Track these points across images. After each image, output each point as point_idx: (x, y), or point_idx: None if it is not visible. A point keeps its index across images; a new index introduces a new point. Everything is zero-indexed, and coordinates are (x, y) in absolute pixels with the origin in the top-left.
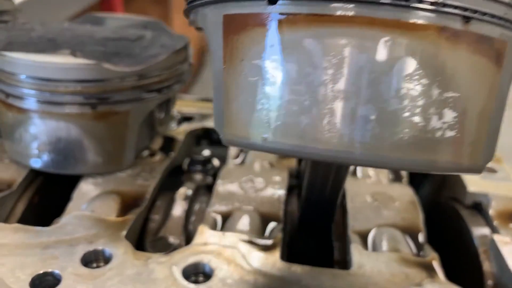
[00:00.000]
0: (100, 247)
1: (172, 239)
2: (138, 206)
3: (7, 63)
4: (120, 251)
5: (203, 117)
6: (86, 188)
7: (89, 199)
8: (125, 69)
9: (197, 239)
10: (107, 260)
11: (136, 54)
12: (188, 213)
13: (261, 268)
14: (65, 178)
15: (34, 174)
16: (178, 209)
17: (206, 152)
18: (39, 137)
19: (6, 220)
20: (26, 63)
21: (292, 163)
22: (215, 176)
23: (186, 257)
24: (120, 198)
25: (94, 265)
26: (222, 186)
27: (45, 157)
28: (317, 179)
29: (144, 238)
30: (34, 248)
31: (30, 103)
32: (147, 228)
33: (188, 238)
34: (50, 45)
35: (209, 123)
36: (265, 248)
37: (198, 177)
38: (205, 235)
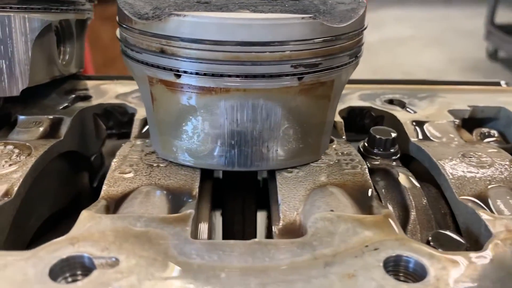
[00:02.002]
0: None
1: None
2: None
3: (184, 27)
4: None
5: None
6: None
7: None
8: (341, 25)
9: None
10: None
11: (325, 11)
12: None
13: None
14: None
15: (208, 176)
16: None
17: None
18: (224, 126)
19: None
20: (216, 23)
21: None
22: None
23: None
24: None
25: None
26: None
27: (229, 152)
28: None
29: None
30: None
31: (216, 81)
32: None
33: None
34: (205, 8)
35: None
36: None
37: None
38: None
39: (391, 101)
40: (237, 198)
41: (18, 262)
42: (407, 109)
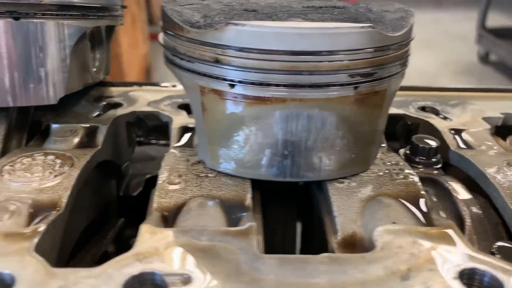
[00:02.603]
0: None
1: None
2: None
3: (242, 36)
4: None
5: None
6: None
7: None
8: (396, 34)
9: None
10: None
11: (375, 19)
12: None
13: None
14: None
15: (256, 187)
16: None
17: None
18: (278, 136)
19: None
20: (276, 33)
21: None
22: None
23: None
24: None
25: None
26: None
27: (281, 162)
28: None
29: None
30: None
31: (273, 91)
32: None
33: None
34: (254, 16)
35: None
36: None
37: None
38: None
39: (423, 108)
40: (278, 208)
41: (89, 280)
42: (441, 116)
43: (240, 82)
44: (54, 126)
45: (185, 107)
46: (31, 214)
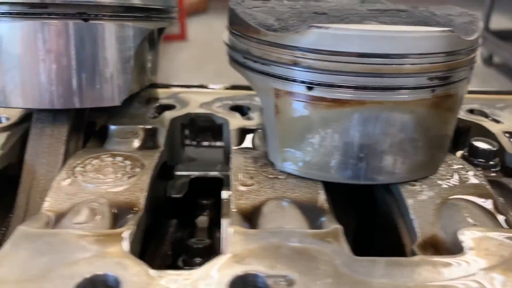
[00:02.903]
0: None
1: None
2: None
3: (325, 39)
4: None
5: None
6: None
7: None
8: (471, 38)
9: None
10: None
11: (445, 23)
12: None
13: None
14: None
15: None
16: None
17: None
18: (354, 138)
19: None
20: (360, 36)
21: None
22: None
23: None
24: None
25: None
26: None
27: (356, 165)
28: None
29: None
30: None
31: (353, 93)
32: None
33: None
34: (326, 19)
35: None
36: None
37: None
38: None
39: (471, 111)
40: (340, 210)
41: (193, 282)
42: (491, 119)
43: (318, 84)
44: (113, 127)
45: (237, 109)
46: (114, 215)
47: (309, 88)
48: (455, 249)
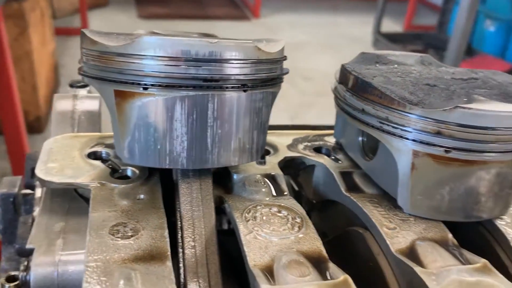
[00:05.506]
0: None
1: None
2: None
3: (466, 116)
4: None
5: None
6: None
7: None
8: None
9: None
10: None
11: None
12: None
13: None
14: None
15: None
16: None
17: None
18: (478, 190)
19: None
20: (493, 115)
21: None
22: None
23: None
24: None
25: None
26: None
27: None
28: None
29: None
30: None
31: (484, 156)
32: None
33: None
34: (445, 93)
35: None
36: None
37: None
38: None
39: None
40: None
41: None
42: None
43: (454, 149)
44: (237, 176)
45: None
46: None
47: (447, 152)
48: None
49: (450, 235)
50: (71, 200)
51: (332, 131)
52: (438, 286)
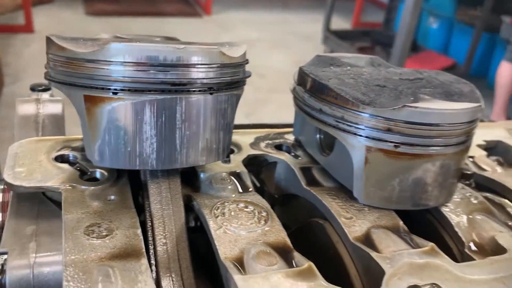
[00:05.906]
0: None
1: None
2: None
3: (414, 114)
4: None
5: None
6: None
7: None
8: (482, 107)
9: None
10: None
11: (459, 93)
12: None
13: None
14: None
15: None
16: None
17: None
18: (422, 180)
19: None
20: (439, 113)
21: None
22: None
23: None
24: None
25: None
26: None
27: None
28: None
29: None
30: None
31: (423, 149)
32: None
33: None
34: (393, 93)
35: None
36: None
37: None
38: None
39: None
40: None
41: None
42: None
43: (403, 144)
44: (204, 175)
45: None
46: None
47: (396, 146)
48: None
49: (401, 222)
50: (40, 203)
51: (291, 129)
52: (392, 268)
